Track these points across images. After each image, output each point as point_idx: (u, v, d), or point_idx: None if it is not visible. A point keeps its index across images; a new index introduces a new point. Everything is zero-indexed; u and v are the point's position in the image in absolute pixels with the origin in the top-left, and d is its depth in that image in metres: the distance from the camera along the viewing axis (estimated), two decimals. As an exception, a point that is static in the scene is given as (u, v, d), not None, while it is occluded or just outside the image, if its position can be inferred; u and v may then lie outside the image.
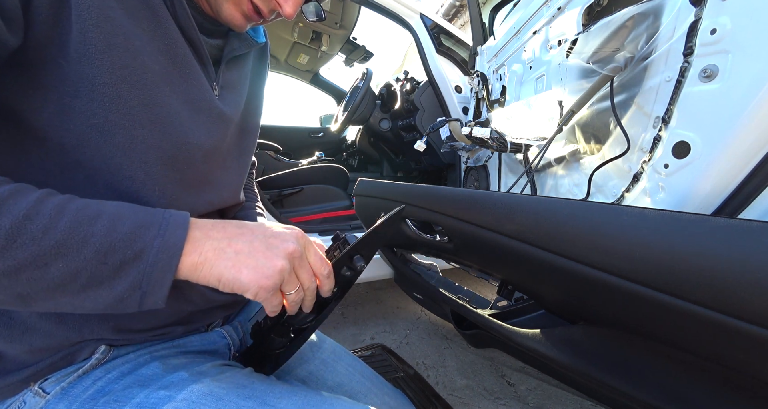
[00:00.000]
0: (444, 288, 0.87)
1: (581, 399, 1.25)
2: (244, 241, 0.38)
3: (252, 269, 0.37)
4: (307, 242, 0.42)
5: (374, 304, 2.05)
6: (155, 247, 0.34)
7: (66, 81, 0.36)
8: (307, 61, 2.83)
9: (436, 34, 1.78)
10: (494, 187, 1.47)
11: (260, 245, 0.38)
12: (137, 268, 0.33)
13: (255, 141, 0.65)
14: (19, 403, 0.43)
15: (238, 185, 0.61)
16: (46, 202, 0.32)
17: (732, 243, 0.33)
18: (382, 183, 0.80)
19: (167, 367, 0.45)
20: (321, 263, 0.42)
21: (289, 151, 2.85)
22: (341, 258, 0.45)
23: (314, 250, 0.42)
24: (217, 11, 0.48)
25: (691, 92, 0.56)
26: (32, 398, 0.42)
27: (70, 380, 0.43)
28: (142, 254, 0.33)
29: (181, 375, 0.43)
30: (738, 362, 0.36)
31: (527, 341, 0.59)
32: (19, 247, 0.29)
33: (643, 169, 0.65)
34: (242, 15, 0.49)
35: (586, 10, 0.81)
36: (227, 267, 0.36)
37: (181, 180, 0.46)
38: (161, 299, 0.35)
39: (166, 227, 0.35)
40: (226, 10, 0.47)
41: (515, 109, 1.05)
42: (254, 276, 0.36)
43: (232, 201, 0.59)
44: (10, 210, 0.29)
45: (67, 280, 0.31)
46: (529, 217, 0.50)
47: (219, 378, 0.44)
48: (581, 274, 0.44)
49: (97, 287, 0.33)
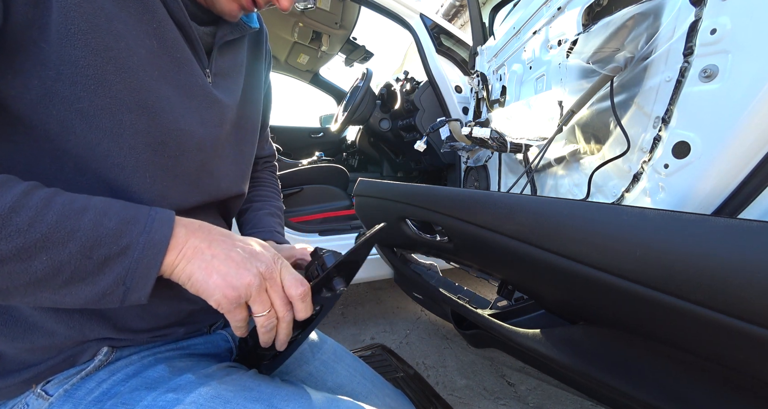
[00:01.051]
0: (444, 288, 0.87)
1: (581, 399, 1.25)
2: (224, 248, 0.38)
3: (222, 275, 0.37)
4: (283, 266, 0.42)
5: (374, 304, 2.05)
6: (141, 243, 0.34)
7: (47, 64, 0.35)
8: (307, 61, 2.83)
9: (436, 34, 1.78)
10: (494, 187, 1.47)
11: (237, 256, 0.38)
12: (122, 264, 0.33)
13: (256, 130, 0.63)
14: (21, 405, 0.42)
15: (239, 175, 0.59)
16: (33, 195, 0.31)
17: (732, 243, 0.33)
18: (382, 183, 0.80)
19: (173, 369, 0.45)
20: (295, 284, 0.41)
21: (289, 151, 2.85)
22: (319, 282, 0.43)
23: (289, 273, 0.42)
24: (212, 2, 0.48)
25: (691, 92, 0.56)
26: (35, 401, 0.42)
27: (73, 381, 0.43)
28: (127, 249, 0.33)
29: (188, 378, 0.43)
30: (738, 362, 0.36)
31: (527, 341, 0.59)
32: (3, 239, 0.29)
33: (643, 169, 0.65)
34: (239, 6, 0.48)
35: (586, 10, 0.81)
36: (200, 267, 0.36)
37: (174, 168, 0.45)
38: (144, 295, 0.35)
39: (152, 224, 0.35)
40: (222, 1, 0.47)
41: (515, 109, 1.05)
42: (221, 283, 0.36)
43: (232, 192, 0.57)
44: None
45: (50, 274, 0.31)
46: (529, 217, 0.50)
47: (225, 381, 0.44)
48: (581, 274, 0.44)
49: (80, 283, 0.32)
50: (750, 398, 0.38)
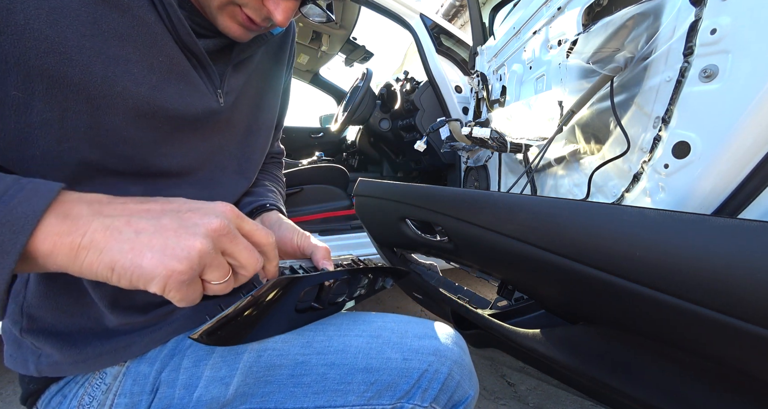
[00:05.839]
0: (444, 288, 0.87)
1: (581, 399, 1.25)
2: (149, 218, 0.30)
3: (158, 251, 0.28)
4: (237, 216, 0.34)
5: (374, 304, 2.05)
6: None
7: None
8: (307, 61, 2.83)
9: (436, 34, 1.78)
10: (494, 187, 1.47)
11: (171, 222, 0.30)
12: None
13: (269, 136, 0.64)
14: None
15: (242, 183, 0.60)
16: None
17: (732, 243, 0.33)
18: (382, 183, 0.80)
19: None
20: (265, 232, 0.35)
21: (289, 151, 2.85)
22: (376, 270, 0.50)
23: (250, 222, 0.35)
24: (214, 23, 0.47)
25: (691, 92, 0.56)
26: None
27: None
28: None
29: None
30: (738, 361, 0.36)
31: (527, 341, 0.59)
32: None
33: (643, 169, 0.65)
34: (239, 25, 0.47)
35: (586, 10, 0.81)
36: (123, 251, 0.27)
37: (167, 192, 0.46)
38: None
39: (18, 194, 0.26)
40: (221, 22, 0.46)
41: (515, 109, 1.05)
42: (161, 259, 0.28)
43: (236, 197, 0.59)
44: None
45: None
46: (529, 217, 0.50)
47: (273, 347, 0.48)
48: (581, 274, 0.44)
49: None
50: (750, 398, 0.38)
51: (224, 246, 0.31)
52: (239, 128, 0.56)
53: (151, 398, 0.47)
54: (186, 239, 0.29)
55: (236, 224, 0.33)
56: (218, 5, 0.44)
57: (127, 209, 0.30)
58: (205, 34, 0.48)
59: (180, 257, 0.28)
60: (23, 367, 0.47)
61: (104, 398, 0.46)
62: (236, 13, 0.46)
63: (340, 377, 0.48)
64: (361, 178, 0.87)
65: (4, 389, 1.33)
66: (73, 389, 0.47)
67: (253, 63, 0.56)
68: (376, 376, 0.48)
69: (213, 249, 0.30)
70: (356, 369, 0.48)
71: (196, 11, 0.47)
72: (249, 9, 0.45)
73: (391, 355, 0.50)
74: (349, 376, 0.48)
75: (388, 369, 0.49)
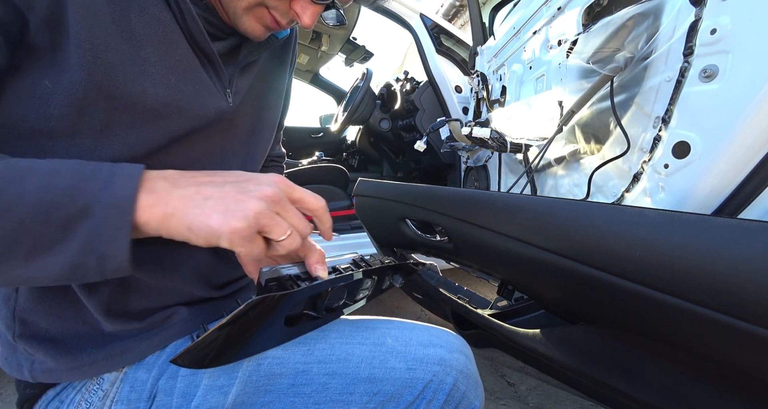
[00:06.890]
0: (444, 288, 0.87)
1: (581, 399, 1.25)
2: (214, 187, 0.35)
3: (221, 212, 0.33)
4: (288, 185, 0.38)
5: (374, 304, 2.05)
6: (103, 200, 0.30)
7: None
8: (307, 61, 2.83)
9: (436, 34, 1.78)
10: (494, 187, 1.47)
11: (231, 189, 0.35)
12: (85, 225, 0.30)
13: (271, 136, 0.64)
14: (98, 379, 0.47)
15: None
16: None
17: (732, 243, 0.33)
18: (382, 183, 0.80)
19: None
20: (314, 198, 0.39)
21: (289, 151, 2.85)
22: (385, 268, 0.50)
23: (299, 190, 0.39)
24: (235, 23, 0.47)
25: (691, 92, 0.56)
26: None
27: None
28: (88, 208, 0.30)
29: None
30: (738, 361, 0.36)
31: (527, 341, 0.59)
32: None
33: (643, 169, 0.65)
34: (264, 26, 0.47)
35: (586, 10, 0.81)
36: (196, 215, 0.33)
37: None
38: (123, 262, 0.31)
39: (113, 178, 0.32)
40: (246, 22, 0.46)
41: (515, 109, 1.05)
42: (225, 219, 0.33)
43: None
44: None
45: (9, 246, 0.29)
46: (530, 217, 0.50)
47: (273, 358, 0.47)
48: (581, 274, 0.44)
49: (45, 253, 0.30)
50: (750, 398, 0.38)
51: (278, 210, 0.36)
52: (244, 128, 0.56)
53: (149, 405, 0.46)
54: (244, 202, 0.34)
55: (287, 193, 0.38)
56: (246, 6, 0.44)
57: (196, 181, 0.36)
58: (216, 34, 0.48)
59: (239, 216, 0.33)
60: (18, 372, 0.46)
61: (101, 405, 0.45)
62: (263, 15, 0.46)
63: (342, 388, 0.47)
64: (361, 178, 0.87)
65: (4, 389, 1.33)
66: (70, 395, 0.46)
67: (258, 64, 0.56)
68: (379, 386, 0.47)
69: (267, 210, 0.35)
70: (359, 379, 0.47)
71: (211, 10, 0.46)
72: (277, 12, 0.46)
73: (394, 364, 0.48)
74: (352, 386, 0.47)
75: (391, 379, 0.47)
